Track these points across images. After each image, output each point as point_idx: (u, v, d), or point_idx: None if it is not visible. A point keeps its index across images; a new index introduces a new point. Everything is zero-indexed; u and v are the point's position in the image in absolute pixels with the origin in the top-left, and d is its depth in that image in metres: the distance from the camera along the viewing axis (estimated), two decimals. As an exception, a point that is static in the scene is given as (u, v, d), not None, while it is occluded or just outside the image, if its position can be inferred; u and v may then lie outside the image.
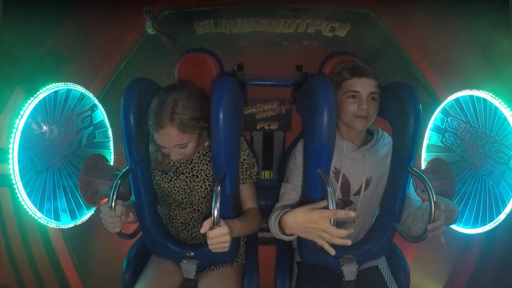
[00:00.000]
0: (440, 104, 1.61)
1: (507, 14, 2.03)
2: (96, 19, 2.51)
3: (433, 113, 1.66)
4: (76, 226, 1.48)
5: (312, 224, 1.07)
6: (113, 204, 1.14)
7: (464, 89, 1.49)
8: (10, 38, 2.21)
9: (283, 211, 1.18)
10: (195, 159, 1.36)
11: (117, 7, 2.56)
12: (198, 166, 1.35)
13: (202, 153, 1.36)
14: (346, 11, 2.66)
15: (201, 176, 1.35)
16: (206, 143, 1.36)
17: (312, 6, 2.69)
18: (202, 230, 1.10)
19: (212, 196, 1.10)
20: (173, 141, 1.19)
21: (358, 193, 1.35)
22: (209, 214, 1.10)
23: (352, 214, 1.05)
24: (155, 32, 2.07)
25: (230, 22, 2.76)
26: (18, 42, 2.25)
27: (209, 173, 1.35)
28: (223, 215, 1.13)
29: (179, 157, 1.24)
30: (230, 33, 2.72)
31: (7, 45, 2.20)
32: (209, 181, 1.36)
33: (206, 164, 1.35)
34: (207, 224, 1.09)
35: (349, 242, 1.04)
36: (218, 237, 1.10)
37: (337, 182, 1.33)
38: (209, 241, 1.10)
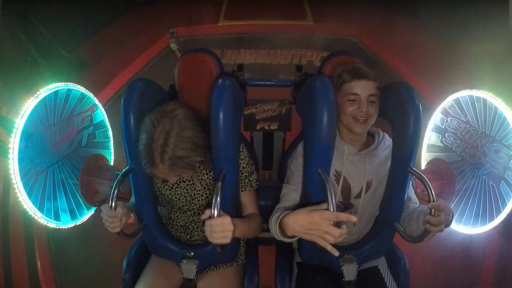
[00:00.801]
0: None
1: (470, 20, 2.45)
2: (123, 36, 2.97)
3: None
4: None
5: (313, 225, 1.06)
6: (113, 204, 1.14)
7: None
8: (48, 34, 2.40)
9: (284, 213, 1.17)
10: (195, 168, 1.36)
11: (143, 28, 3.05)
12: (198, 176, 1.35)
13: None
14: (332, 40, 3.09)
15: (202, 185, 1.35)
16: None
17: (304, 35, 3.11)
18: (203, 217, 1.09)
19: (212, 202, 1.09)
20: (168, 176, 1.21)
21: (358, 196, 1.34)
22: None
23: (354, 218, 1.04)
24: (176, 48, 2.37)
25: (234, 53, 3.08)
26: (54, 40, 2.48)
27: (209, 182, 1.35)
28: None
29: (176, 180, 1.26)
30: (235, 64, 2.94)
31: (44, 39, 2.38)
32: (209, 190, 1.35)
33: (207, 174, 1.35)
34: (207, 211, 1.08)
35: (345, 229, 1.04)
36: (221, 225, 1.08)
37: (338, 185, 1.33)
38: (210, 230, 1.07)
